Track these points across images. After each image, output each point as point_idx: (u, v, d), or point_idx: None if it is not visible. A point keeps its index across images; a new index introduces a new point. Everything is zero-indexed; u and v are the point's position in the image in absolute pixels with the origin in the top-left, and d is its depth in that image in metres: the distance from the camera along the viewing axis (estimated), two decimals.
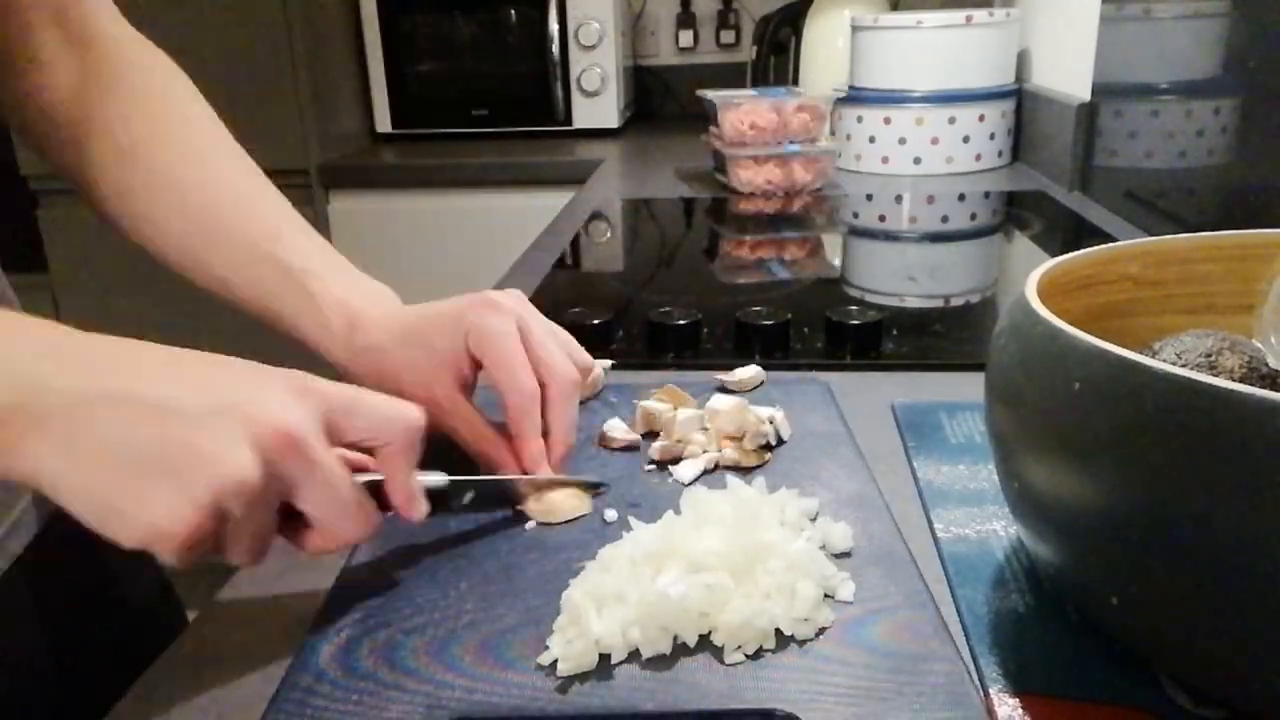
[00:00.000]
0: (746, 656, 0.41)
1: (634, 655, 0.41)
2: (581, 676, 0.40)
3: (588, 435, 0.60)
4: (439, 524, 0.52)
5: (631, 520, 0.49)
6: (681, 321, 0.77)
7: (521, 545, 0.50)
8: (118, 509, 0.36)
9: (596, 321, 0.78)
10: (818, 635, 0.42)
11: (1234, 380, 0.38)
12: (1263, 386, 0.36)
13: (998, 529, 0.50)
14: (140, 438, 0.36)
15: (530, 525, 0.52)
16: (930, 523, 0.51)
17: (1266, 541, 0.30)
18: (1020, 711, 0.38)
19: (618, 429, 0.59)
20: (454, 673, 0.40)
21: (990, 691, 0.39)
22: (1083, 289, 0.47)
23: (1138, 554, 0.34)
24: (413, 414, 0.43)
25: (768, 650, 0.41)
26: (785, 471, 0.56)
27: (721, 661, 0.41)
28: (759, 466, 0.56)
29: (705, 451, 0.57)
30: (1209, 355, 0.43)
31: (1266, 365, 0.43)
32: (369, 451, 0.44)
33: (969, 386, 0.69)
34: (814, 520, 0.50)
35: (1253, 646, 0.33)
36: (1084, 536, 0.37)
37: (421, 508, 0.45)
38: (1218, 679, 0.36)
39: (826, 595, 0.44)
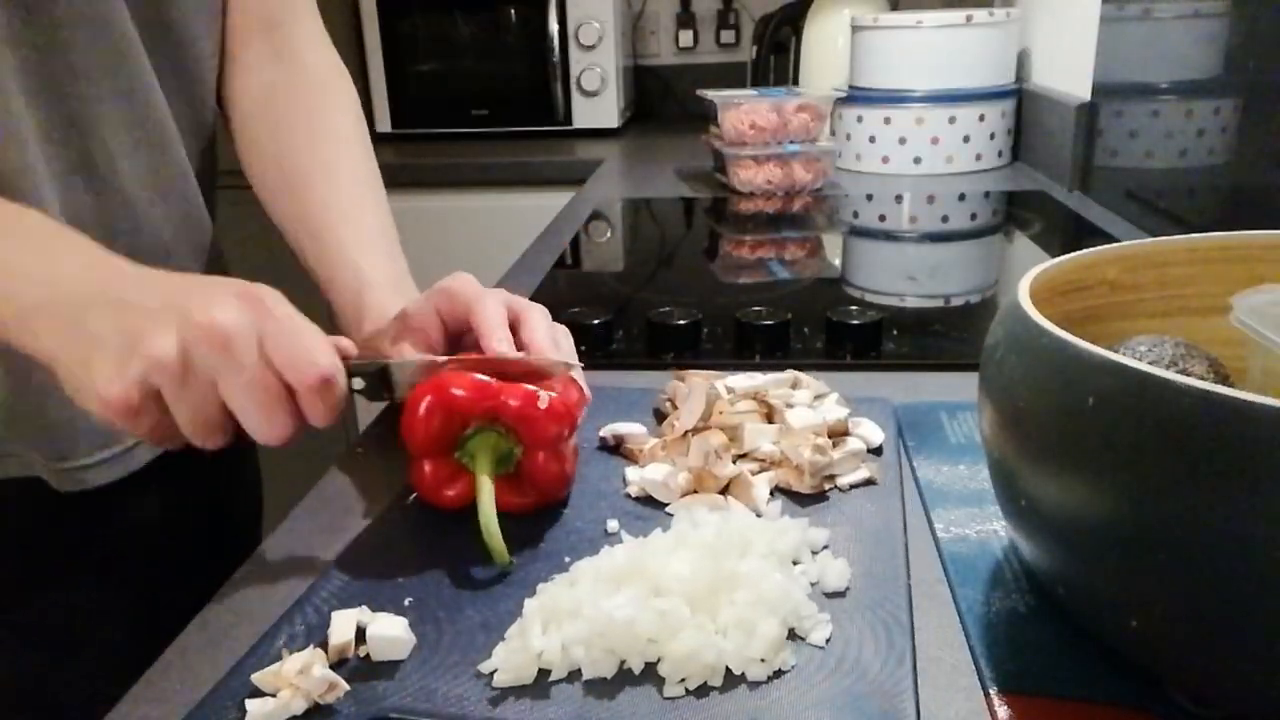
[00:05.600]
0: (688, 691, 0.39)
1: (576, 675, 0.40)
2: (518, 690, 0.39)
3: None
4: (446, 519, 0.52)
5: (624, 534, 0.48)
6: (681, 321, 0.77)
7: (514, 547, 0.49)
8: (81, 381, 0.44)
9: (596, 321, 0.78)
10: (772, 678, 0.39)
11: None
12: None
13: (998, 529, 0.50)
14: (108, 328, 0.44)
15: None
16: (930, 523, 0.51)
17: None
18: (1020, 711, 0.38)
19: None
20: (392, 667, 0.40)
21: (990, 691, 0.39)
22: (1063, 295, 0.47)
23: (1161, 572, 0.33)
24: (321, 363, 0.46)
25: (714, 688, 0.39)
26: (811, 495, 0.53)
27: (661, 693, 0.39)
28: (814, 497, 0.53)
29: (771, 466, 0.55)
30: (1175, 363, 0.43)
31: (1226, 370, 0.43)
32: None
33: (969, 386, 0.68)
34: (818, 553, 0.47)
35: None
36: (1101, 556, 0.36)
37: (332, 415, 0.47)
38: (1245, 699, 0.35)
39: (798, 637, 0.42)
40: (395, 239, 0.68)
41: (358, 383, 0.51)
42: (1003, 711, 0.38)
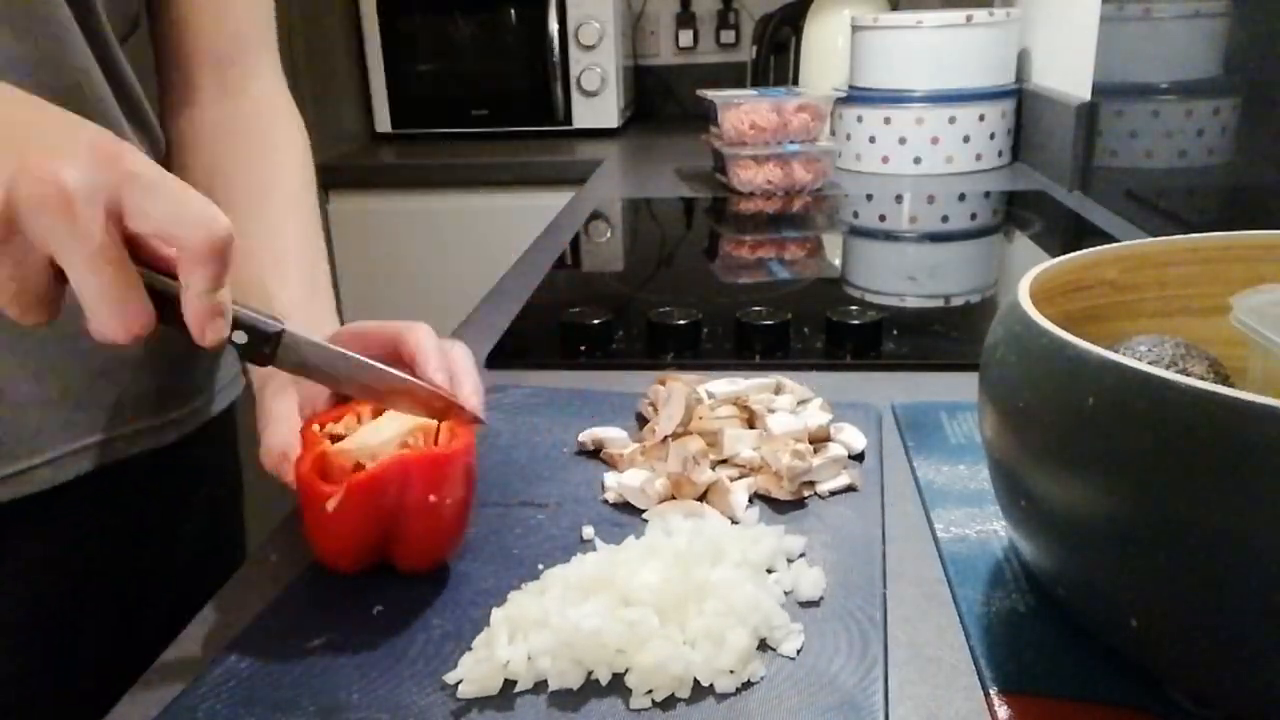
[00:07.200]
0: (655, 704, 0.38)
1: (542, 686, 0.39)
2: (482, 702, 0.39)
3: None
4: None
5: (598, 541, 0.48)
6: (681, 321, 0.77)
7: (487, 554, 0.49)
8: None
9: (596, 321, 0.78)
10: (741, 690, 0.39)
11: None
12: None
13: (998, 529, 0.50)
14: None
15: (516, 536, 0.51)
16: (930, 523, 0.51)
17: None
18: (1020, 711, 0.38)
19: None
20: (360, 675, 0.40)
21: (990, 691, 0.39)
22: (1064, 295, 0.47)
23: (1162, 572, 0.33)
24: (220, 221, 0.38)
25: (681, 699, 0.38)
26: (790, 502, 0.53)
27: (627, 706, 0.38)
28: (793, 503, 0.53)
29: (750, 472, 0.54)
30: (1175, 363, 0.43)
31: (1226, 370, 0.43)
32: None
33: (969, 386, 0.68)
34: (794, 561, 0.47)
35: None
36: (1101, 556, 0.36)
37: (218, 329, 0.40)
38: (1245, 699, 0.35)
39: (769, 647, 0.41)
40: (323, 278, 0.61)
41: (239, 335, 0.43)
42: (1003, 711, 0.38)
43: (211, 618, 0.47)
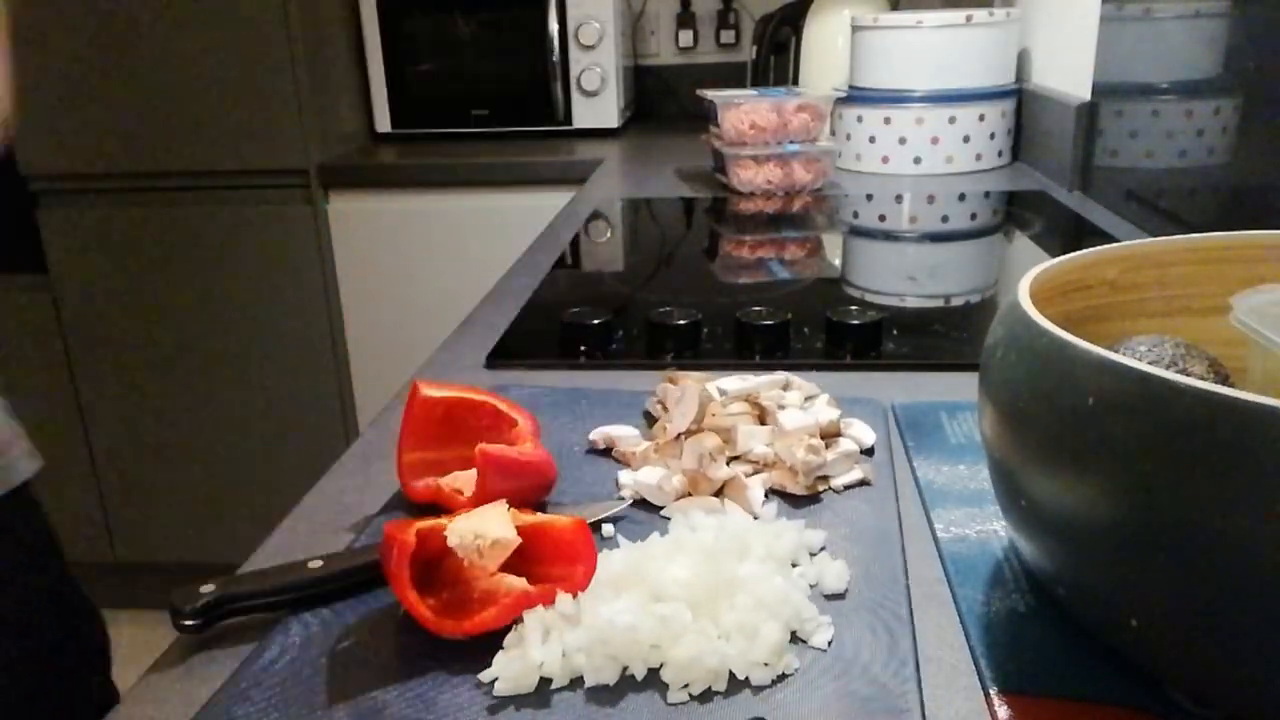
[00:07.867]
0: (692, 697, 0.39)
1: (578, 682, 0.40)
2: (519, 699, 0.39)
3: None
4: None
5: (621, 539, 0.48)
6: (681, 321, 0.77)
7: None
8: None
9: (596, 321, 0.78)
10: (776, 682, 0.39)
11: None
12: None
13: (998, 529, 0.50)
14: None
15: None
16: (930, 523, 0.51)
17: None
18: (1020, 711, 0.38)
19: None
20: (394, 674, 0.40)
21: (990, 691, 0.39)
22: (1063, 295, 0.47)
23: (1162, 572, 0.33)
24: None
25: (718, 692, 0.39)
26: (805, 497, 0.53)
27: (665, 700, 0.39)
28: (808, 498, 0.53)
29: (764, 468, 0.55)
30: (1175, 363, 0.43)
31: (1226, 370, 0.43)
32: None
33: (969, 386, 0.69)
34: (815, 555, 0.47)
35: None
36: (1101, 556, 0.36)
37: None
38: (1245, 699, 0.35)
39: (800, 640, 0.42)
40: None
41: None
42: (1003, 711, 0.38)
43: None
